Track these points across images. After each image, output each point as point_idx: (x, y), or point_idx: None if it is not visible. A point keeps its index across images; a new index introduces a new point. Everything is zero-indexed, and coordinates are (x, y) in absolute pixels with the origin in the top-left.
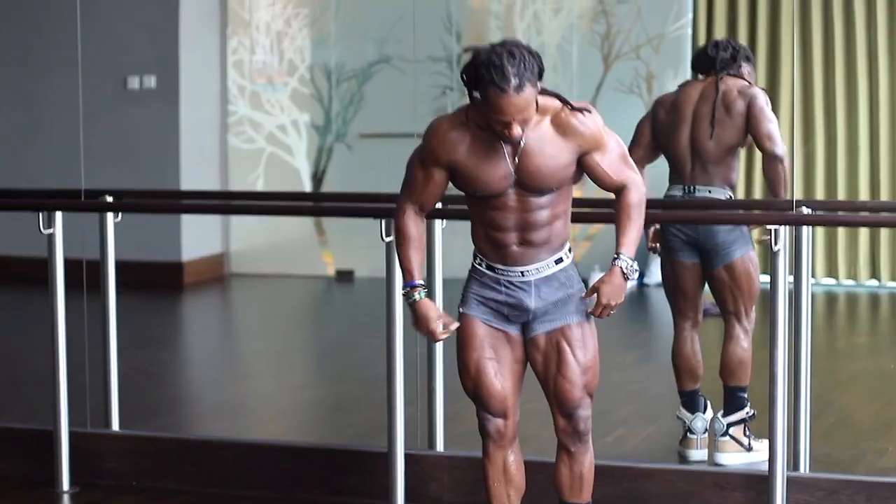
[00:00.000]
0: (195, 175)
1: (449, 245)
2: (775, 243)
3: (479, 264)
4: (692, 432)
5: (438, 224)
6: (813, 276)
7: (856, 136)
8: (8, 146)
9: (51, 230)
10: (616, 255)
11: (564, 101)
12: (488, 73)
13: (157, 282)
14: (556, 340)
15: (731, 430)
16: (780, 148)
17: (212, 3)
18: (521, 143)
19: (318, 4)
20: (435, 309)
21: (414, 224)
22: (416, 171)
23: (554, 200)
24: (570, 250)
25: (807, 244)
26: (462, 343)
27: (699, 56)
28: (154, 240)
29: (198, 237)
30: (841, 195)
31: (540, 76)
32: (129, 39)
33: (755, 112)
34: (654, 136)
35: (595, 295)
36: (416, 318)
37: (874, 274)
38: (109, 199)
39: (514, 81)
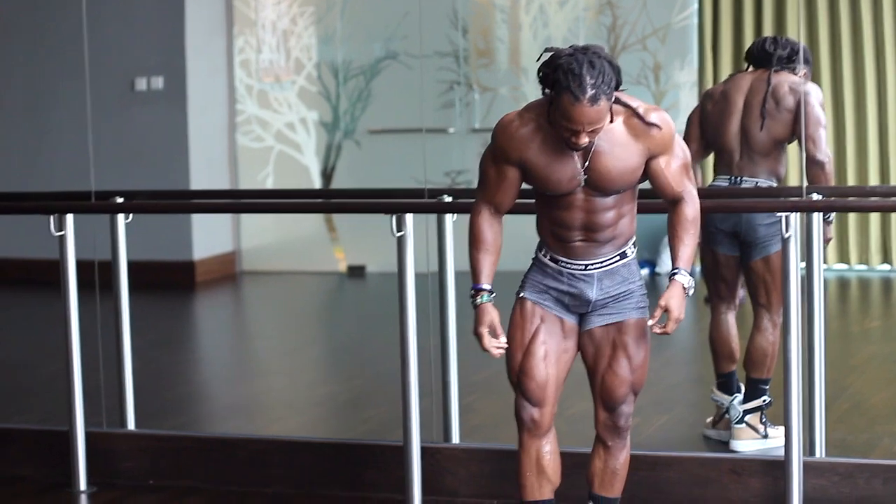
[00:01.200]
0: (205, 174)
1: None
2: (787, 230)
3: (544, 255)
4: (730, 414)
5: (449, 218)
6: (825, 261)
7: (864, 121)
8: (18, 149)
9: (62, 232)
10: (675, 270)
11: (636, 113)
12: (566, 78)
13: (168, 281)
14: (611, 335)
15: (747, 418)
16: (823, 153)
17: (218, 3)
18: (593, 143)
19: (323, 2)
20: (494, 316)
21: (488, 226)
22: (489, 169)
23: (620, 200)
24: (634, 244)
25: (818, 230)
26: (515, 324)
27: (755, 50)
28: (165, 239)
29: (209, 236)
30: (851, 181)
31: (617, 88)
32: (136, 41)
33: (802, 110)
34: (703, 129)
35: (662, 312)
36: (475, 322)
37: (886, 258)
38: (120, 200)
39: (590, 92)
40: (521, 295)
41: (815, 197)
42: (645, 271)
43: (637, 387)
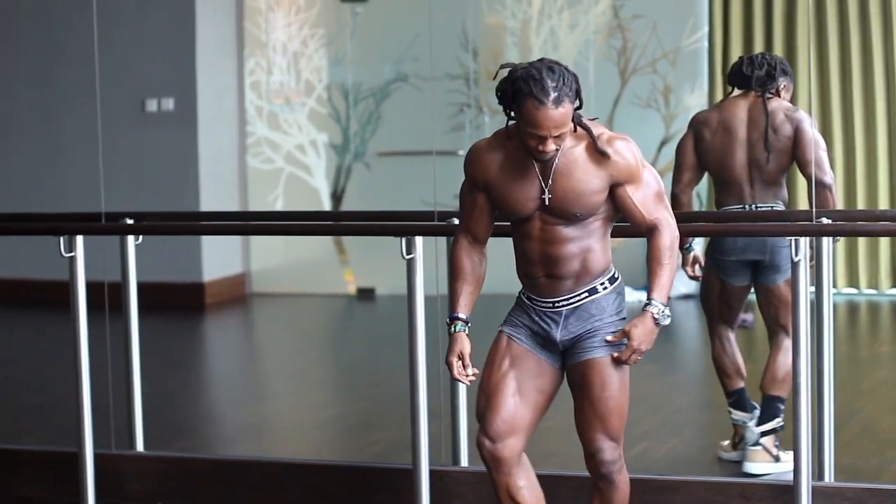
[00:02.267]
0: (214, 196)
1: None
2: (796, 254)
3: (522, 292)
4: (745, 437)
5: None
6: (834, 285)
7: (874, 145)
8: (28, 170)
9: (72, 253)
10: (648, 301)
11: (592, 139)
12: (527, 85)
13: (178, 303)
14: (580, 374)
15: (762, 440)
16: (829, 176)
17: (228, 25)
18: (554, 163)
19: (334, 24)
20: (467, 345)
21: (466, 255)
22: (465, 198)
23: (584, 233)
24: (612, 279)
25: (828, 254)
26: (489, 358)
27: (735, 72)
28: (175, 261)
29: (218, 257)
30: (860, 205)
31: (577, 96)
32: (147, 62)
33: (802, 137)
34: (699, 157)
35: (625, 338)
36: (447, 351)
37: None
38: (130, 221)
39: (553, 94)
40: (500, 328)
41: (825, 221)
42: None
43: (611, 432)
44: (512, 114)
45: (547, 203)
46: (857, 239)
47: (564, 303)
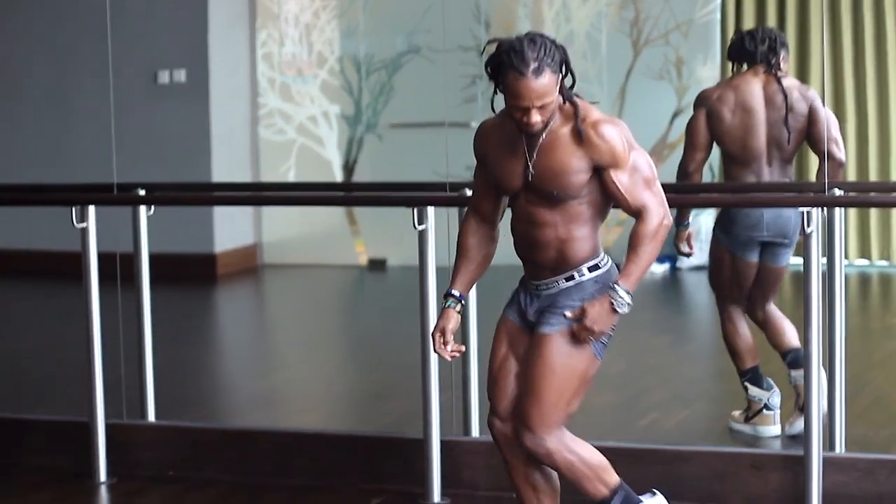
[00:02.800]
0: (226, 168)
1: None
2: (808, 225)
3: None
4: (769, 408)
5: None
6: (846, 257)
7: (887, 116)
8: (41, 142)
9: (84, 224)
10: (615, 285)
11: (575, 118)
12: (508, 57)
13: (190, 274)
14: (531, 347)
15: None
16: (843, 153)
17: None
18: (541, 140)
19: None
20: (451, 322)
21: (472, 234)
22: (475, 176)
23: (563, 220)
24: (592, 268)
25: (839, 226)
26: (493, 340)
27: (736, 48)
28: (187, 232)
29: (230, 229)
30: (873, 176)
31: (563, 68)
32: (159, 34)
33: (817, 115)
34: (715, 137)
35: (580, 314)
36: (435, 324)
37: None
38: (142, 192)
39: (532, 65)
40: (504, 309)
41: (838, 192)
42: (665, 266)
43: (531, 417)
44: (500, 88)
45: (530, 179)
46: (870, 210)
47: (545, 288)
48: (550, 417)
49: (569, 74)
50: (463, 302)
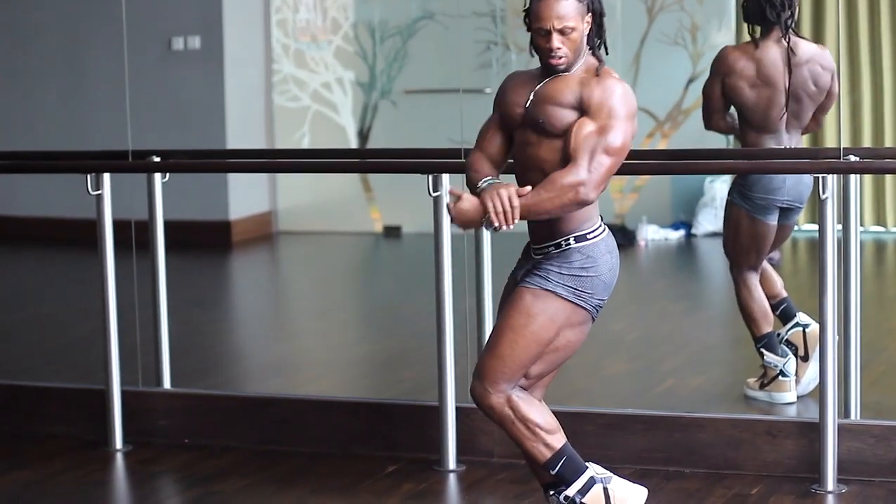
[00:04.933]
0: (241, 134)
1: None
2: (823, 191)
3: None
4: (785, 375)
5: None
6: (861, 224)
7: None
8: (55, 109)
9: (99, 191)
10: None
11: (597, 70)
12: None
13: (205, 241)
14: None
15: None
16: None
17: None
18: (553, 77)
19: None
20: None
21: (475, 157)
22: (485, 125)
23: (549, 166)
24: (578, 238)
25: (855, 192)
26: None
27: (754, 12)
28: (201, 199)
29: (245, 196)
30: (888, 142)
31: (593, 14)
32: (173, 0)
33: (833, 88)
34: (734, 104)
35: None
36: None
37: None
38: (156, 159)
39: None
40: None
41: (853, 158)
42: (680, 233)
43: (486, 369)
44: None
45: (528, 102)
46: (885, 177)
47: (538, 253)
48: (497, 371)
49: (600, 17)
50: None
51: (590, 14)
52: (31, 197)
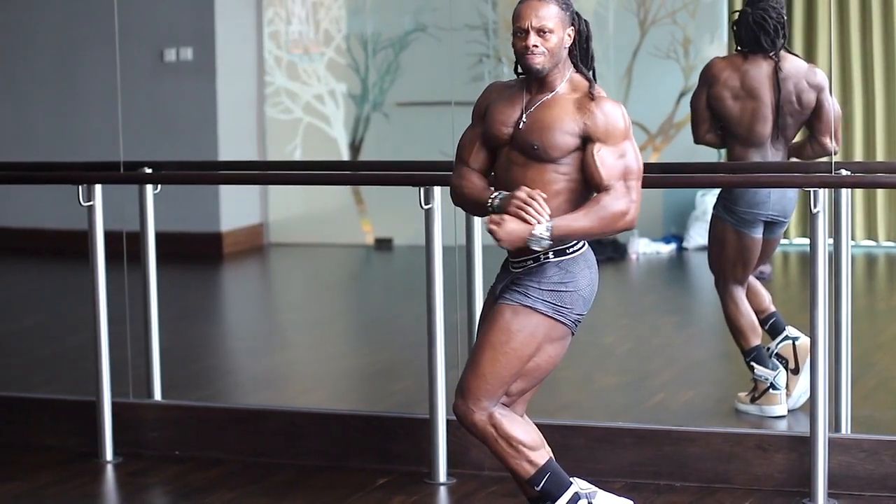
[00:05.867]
0: (233, 146)
1: None
2: (815, 205)
3: None
4: (775, 388)
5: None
6: (852, 238)
7: (894, 96)
8: (48, 120)
9: (91, 202)
10: (550, 220)
11: (590, 89)
12: None
13: (196, 252)
14: (485, 318)
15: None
16: (834, 148)
17: None
18: (542, 99)
19: None
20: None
21: (460, 177)
22: (464, 138)
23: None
24: (558, 253)
25: (846, 206)
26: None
27: (749, 39)
28: (193, 211)
29: (236, 207)
30: (880, 156)
31: (571, 13)
32: (166, 11)
33: (823, 107)
34: (719, 118)
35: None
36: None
37: None
38: (148, 170)
39: None
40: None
41: (844, 173)
42: (672, 246)
43: (468, 387)
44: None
45: (521, 127)
46: (876, 191)
47: (517, 266)
48: (481, 389)
49: (585, 40)
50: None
51: (572, 28)
52: (22, 207)
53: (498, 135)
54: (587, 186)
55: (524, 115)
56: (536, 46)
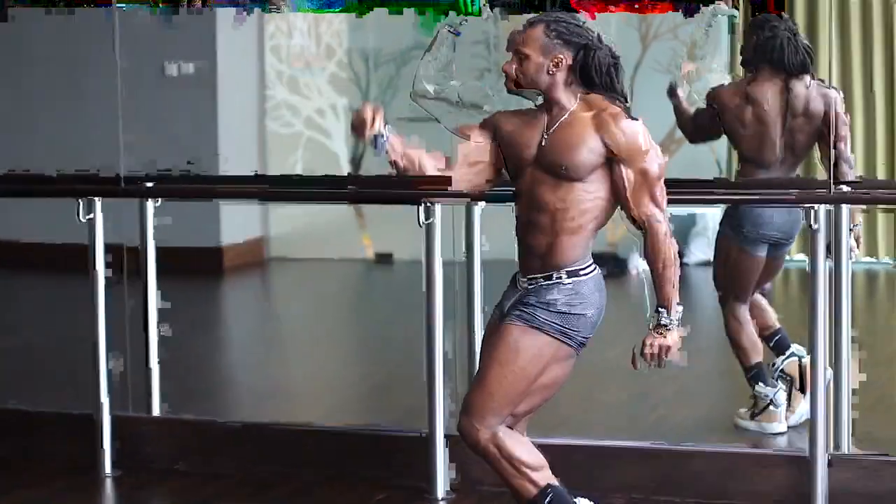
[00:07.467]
0: (234, 160)
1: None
2: (814, 223)
3: None
4: (775, 405)
5: (478, 207)
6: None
7: (893, 114)
8: (48, 133)
9: (90, 216)
10: (658, 309)
11: (611, 109)
12: None
13: (196, 266)
14: (491, 335)
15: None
16: (849, 151)
17: None
18: (560, 120)
19: None
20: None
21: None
22: (466, 149)
23: (562, 208)
24: (571, 273)
25: (846, 223)
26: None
27: (774, 57)
28: (193, 225)
29: (237, 221)
30: (880, 174)
31: (565, 41)
32: (167, 25)
33: (831, 116)
34: (728, 137)
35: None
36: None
37: None
38: (149, 184)
39: (531, 19)
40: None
41: (844, 189)
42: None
43: (474, 407)
44: None
45: (543, 144)
46: (876, 208)
47: (527, 283)
48: (486, 407)
49: (592, 70)
50: (386, 135)
51: (563, 56)
52: (22, 221)
53: (520, 158)
54: (613, 204)
55: (545, 136)
56: (511, 67)
